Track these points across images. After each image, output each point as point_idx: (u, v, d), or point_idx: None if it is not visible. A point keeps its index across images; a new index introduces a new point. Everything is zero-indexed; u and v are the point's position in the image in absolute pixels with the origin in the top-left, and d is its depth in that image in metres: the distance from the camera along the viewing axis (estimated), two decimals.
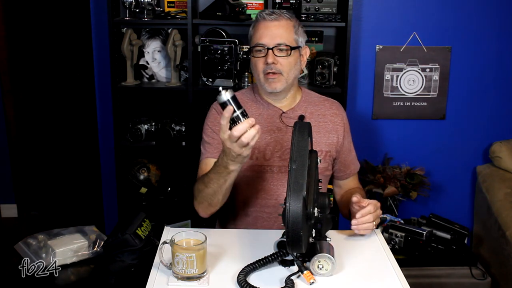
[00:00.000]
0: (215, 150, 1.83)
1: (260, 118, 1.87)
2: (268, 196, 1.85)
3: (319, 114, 1.91)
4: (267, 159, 1.84)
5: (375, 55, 3.01)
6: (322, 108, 1.92)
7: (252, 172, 1.84)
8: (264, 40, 1.78)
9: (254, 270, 1.44)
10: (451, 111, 3.10)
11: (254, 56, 1.81)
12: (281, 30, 1.78)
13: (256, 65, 1.81)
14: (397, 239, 2.67)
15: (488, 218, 2.90)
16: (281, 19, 1.80)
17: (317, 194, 1.45)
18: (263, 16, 1.81)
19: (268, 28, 1.79)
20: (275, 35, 1.78)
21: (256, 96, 1.91)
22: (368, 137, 3.10)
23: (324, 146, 1.88)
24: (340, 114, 1.94)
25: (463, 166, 3.18)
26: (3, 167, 3.75)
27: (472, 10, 2.97)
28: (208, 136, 1.87)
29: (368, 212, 1.64)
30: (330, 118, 1.91)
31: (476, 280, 2.66)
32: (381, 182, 2.91)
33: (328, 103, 1.95)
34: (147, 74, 2.95)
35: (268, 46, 1.77)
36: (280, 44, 1.77)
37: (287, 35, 1.79)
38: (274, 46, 1.77)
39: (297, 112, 1.88)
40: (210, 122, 1.89)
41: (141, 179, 2.86)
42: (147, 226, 1.95)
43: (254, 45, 1.81)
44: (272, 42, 1.77)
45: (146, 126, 2.86)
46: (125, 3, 2.70)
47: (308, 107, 1.91)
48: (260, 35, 1.79)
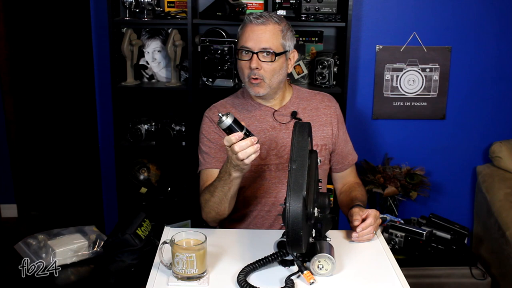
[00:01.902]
0: (213, 160, 1.85)
1: (253, 119, 1.87)
2: (268, 194, 1.86)
3: (312, 108, 1.92)
4: (263, 158, 1.85)
5: (375, 55, 3.00)
6: (314, 102, 1.93)
7: (250, 172, 1.84)
8: (250, 43, 1.77)
9: (254, 270, 1.44)
10: (451, 111, 3.10)
11: (239, 59, 1.81)
12: (267, 35, 1.76)
13: (241, 68, 1.82)
14: (397, 239, 2.67)
15: (488, 218, 2.90)
16: (268, 23, 1.77)
17: (317, 194, 1.45)
18: (250, 19, 1.79)
19: (254, 32, 1.77)
20: (261, 40, 1.76)
21: (246, 99, 1.92)
22: (368, 137, 3.10)
23: (319, 140, 1.89)
24: (333, 106, 1.95)
25: (463, 166, 3.18)
26: (3, 167, 3.75)
27: (472, 10, 2.97)
28: (205, 145, 1.88)
29: (369, 225, 1.66)
30: (323, 111, 1.92)
31: (476, 280, 2.66)
32: (381, 182, 2.91)
33: (320, 96, 1.96)
34: (147, 74, 2.95)
35: (253, 50, 1.76)
36: (265, 49, 1.76)
37: (273, 40, 1.77)
38: (259, 50, 1.76)
39: (289, 109, 1.89)
40: (204, 131, 1.90)
41: (141, 179, 2.86)
42: (147, 226, 1.95)
43: (240, 47, 1.80)
44: (257, 46, 1.76)
45: (146, 126, 2.86)
46: (125, 3, 2.70)
47: (300, 103, 1.91)
48: (246, 38, 1.78)
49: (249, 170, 1.83)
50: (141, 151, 2.97)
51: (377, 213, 1.69)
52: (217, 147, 1.85)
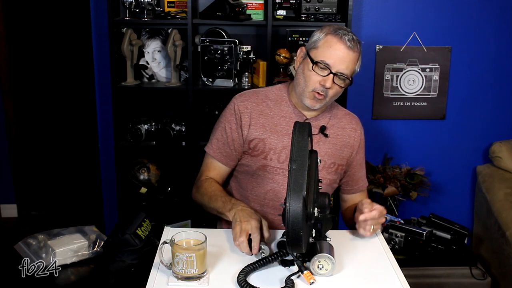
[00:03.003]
0: (218, 152, 1.90)
1: (282, 120, 1.87)
2: (276, 198, 1.86)
3: (339, 127, 1.92)
4: (281, 162, 1.84)
5: (375, 55, 3.01)
6: (343, 121, 1.94)
7: (264, 172, 1.85)
8: (333, 62, 1.74)
9: (254, 270, 1.44)
10: (451, 111, 3.10)
11: (312, 70, 1.77)
12: (351, 63, 1.76)
13: (309, 78, 1.78)
14: (397, 239, 2.67)
15: (488, 218, 2.90)
16: (355, 50, 1.76)
17: (317, 194, 1.45)
18: (342, 36, 1.75)
19: (342, 53, 1.74)
20: (344, 64, 1.75)
21: (283, 97, 1.90)
22: (368, 137, 3.06)
23: (338, 159, 1.90)
24: (359, 130, 1.97)
25: (463, 166, 3.18)
26: (3, 167, 3.75)
27: (472, 10, 2.97)
28: (219, 131, 1.91)
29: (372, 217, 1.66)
30: (349, 133, 1.93)
31: (476, 280, 2.66)
32: (381, 182, 2.91)
33: (350, 117, 1.97)
34: (147, 74, 2.95)
35: (333, 70, 1.75)
36: (343, 74, 1.76)
37: (351, 68, 1.78)
38: (337, 72, 1.75)
39: (319, 122, 1.89)
40: (225, 116, 1.92)
41: (141, 179, 2.85)
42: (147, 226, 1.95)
43: (320, 61, 1.75)
44: (338, 67, 1.75)
45: (146, 126, 2.86)
46: (125, 3, 2.70)
47: (331, 119, 1.92)
48: (330, 54, 1.74)
49: (264, 170, 1.86)
50: (141, 151, 2.97)
51: (384, 210, 1.69)
52: (227, 140, 1.88)
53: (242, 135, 1.86)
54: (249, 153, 1.87)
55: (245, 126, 1.86)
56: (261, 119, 1.86)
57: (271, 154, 1.84)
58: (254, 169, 1.86)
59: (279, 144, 1.84)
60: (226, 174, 1.96)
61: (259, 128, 1.86)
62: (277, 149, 1.84)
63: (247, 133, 1.86)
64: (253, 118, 1.86)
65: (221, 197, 1.77)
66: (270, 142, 1.85)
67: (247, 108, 1.87)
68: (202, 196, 1.85)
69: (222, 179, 1.95)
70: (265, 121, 1.86)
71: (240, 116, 1.86)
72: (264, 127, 1.86)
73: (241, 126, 1.86)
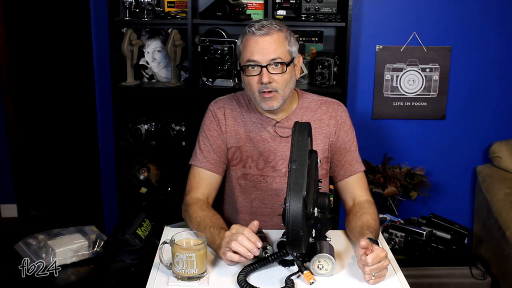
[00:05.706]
0: (204, 160, 1.81)
1: (253, 126, 1.81)
2: (263, 204, 1.84)
3: (315, 119, 1.82)
4: (260, 169, 1.81)
5: (375, 55, 3.01)
6: (319, 112, 1.84)
7: (245, 181, 1.83)
8: (257, 57, 1.66)
9: (254, 270, 1.44)
10: (451, 111, 3.10)
11: (246, 75, 1.70)
12: (274, 45, 1.66)
13: (250, 84, 1.70)
14: (397, 239, 2.67)
15: (488, 218, 2.90)
16: (272, 33, 1.66)
17: (317, 194, 1.45)
18: (251, 31, 1.67)
19: (259, 44, 1.65)
20: (268, 51, 1.65)
21: (251, 104, 1.83)
22: (368, 137, 3.10)
23: (321, 153, 1.80)
24: (337, 115, 1.84)
25: (463, 166, 3.18)
26: (3, 167, 3.75)
27: (472, 10, 2.97)
28: (202, 140, 1.84)
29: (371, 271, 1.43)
30: (327, 122, 1.83)
31: (476, 280, 2.66)
32: (381, 182, 2.91)
33: (326, 106, 1.85)
34: (147, 74, 2.95)
35: (261, 63, 1.66)
36: (274, 60, 1.66)
37: (280, 49, 1.66)
38: (268, 63, 1.66)
39: (291, 121, 1.78)
40: (205, 125, 1.85)
41: (141, 179, 2.86)
42: (147, 226, 1.96)
43: (246, 62, 1.68)
44: (265, 59, 1.65)
45: (146, 126, 2.86)
46: (125, 3, 2.70)
47: (304, 114, 1.82)
48: (251, 51, 1.66)
49: (245, 179, 1.82)
50: (141, 151, 2.97)
51: (382, 253, 1.42)
52: (212, 147, 1.81)
53: (225, 141, 1.82)
54: (229, 163, 1.83)
55: (224, 133, 1.82)
56: (235, 126, 1.82)
57: (249, 162, 1.80)
58: (236, 178, 1.83)
59: (255, 151, 1.80)
60: (218, 184, 1.84)
61: (234, 136, 1.82)
62: (254, 156, 1.80)
63: (226, 140, 1.82)
64: (228, 125, 1.82)
65: (209, 228, 1.59)
66: (247, 150, 1.80)
67: (223, 115, 1.83)
68: (190, 220, 1.70)
69: (215, 190, 1.83)
70: (239, 128, 1.82)
71: (219, 122, 1.82)
72: (238, 134, 1.82)
73: (223, 132, 1.82)
